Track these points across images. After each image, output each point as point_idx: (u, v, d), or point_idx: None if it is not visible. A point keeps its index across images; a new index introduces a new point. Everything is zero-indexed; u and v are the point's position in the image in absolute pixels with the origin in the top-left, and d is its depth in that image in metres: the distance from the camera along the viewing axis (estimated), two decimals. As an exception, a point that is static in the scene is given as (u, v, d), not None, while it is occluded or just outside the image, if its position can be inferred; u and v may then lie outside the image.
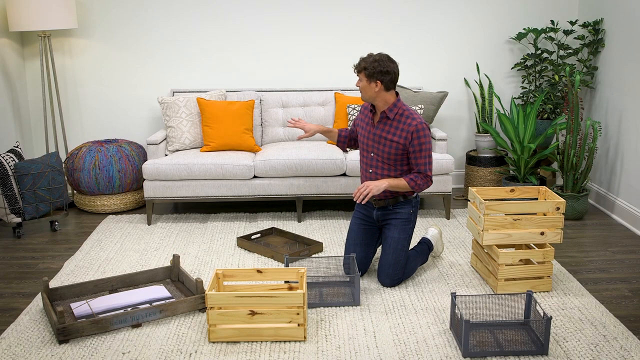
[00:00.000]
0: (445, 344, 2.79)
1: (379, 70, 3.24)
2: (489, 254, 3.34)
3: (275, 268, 3.09)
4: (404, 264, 3.37)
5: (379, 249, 3.78)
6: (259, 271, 3.08)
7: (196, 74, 5.13)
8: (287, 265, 3.32)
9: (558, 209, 3.26)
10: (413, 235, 3.81)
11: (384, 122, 3.34)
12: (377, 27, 5.07)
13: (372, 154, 3.38)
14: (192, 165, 4.34)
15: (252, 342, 2.82)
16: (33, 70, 5.06)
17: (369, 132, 3.40)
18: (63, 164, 4.59)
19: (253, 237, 4.10)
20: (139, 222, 4.51)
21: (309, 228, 4.34)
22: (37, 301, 3.27)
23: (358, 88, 3.40)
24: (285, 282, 3.19)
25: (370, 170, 3.40)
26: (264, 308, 2.80)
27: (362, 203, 3.36)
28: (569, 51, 4.94)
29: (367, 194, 3.24)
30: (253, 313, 2.80)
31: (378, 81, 3.25)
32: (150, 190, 4.39)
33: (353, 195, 3.30)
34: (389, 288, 3.35)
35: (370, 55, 3.28)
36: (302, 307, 2.79)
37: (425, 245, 3.62)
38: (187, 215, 4.67)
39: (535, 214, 3.37)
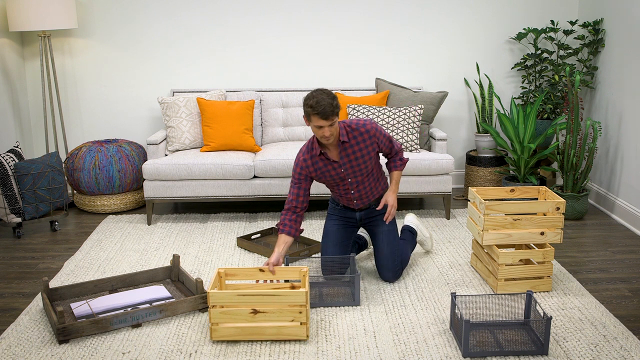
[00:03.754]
0: (445, 344, 2.79)
1: (338, 106, 3.09)
2: (489, 254, 3.34)
3: (277, 267, 3.08)
4: (399, 254, 3.40)
5: (370, 249, 3.77)
6: (261, 270, 3.08)
7: (196, 74, 5.13)
8: (287, 265, 3.32)
9: (558, 209, 3.26)
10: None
11: (344, 148, 3.24)
12: (377, 27, 5.07)
13: (349, 180, 3.30)
14: (192, 165, 4.34)
15: (253, 342, 2.82)
16: (33, 70, 5.06)
17: (336, 168, 3.27)
18: (63, 164, 4.59)
19: (253, 237, 4.10)
20: (139, 222, 4.51)
21: (309, 228, 4.34)
22: (37, 301, 3.27)
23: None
24: (286, 281, 3.19)
25: (353, 192, 3.34)
26: (267, 307, 2.80)
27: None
28: (569, 51, 4.94)
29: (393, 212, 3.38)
30: (255, 312, 2.80)
31: (337, 116, 3.12)
32: (150, 190, 4.39)
33: (385, 219, 3.39)
34: (389, 288, 3.35)
35: (316, 98, 3.03)
36: (304, 305, 2.79)
37: (409, 232, 3.66)
38: (187, 215, 4.67)
39: (535, 214, 3.37)
